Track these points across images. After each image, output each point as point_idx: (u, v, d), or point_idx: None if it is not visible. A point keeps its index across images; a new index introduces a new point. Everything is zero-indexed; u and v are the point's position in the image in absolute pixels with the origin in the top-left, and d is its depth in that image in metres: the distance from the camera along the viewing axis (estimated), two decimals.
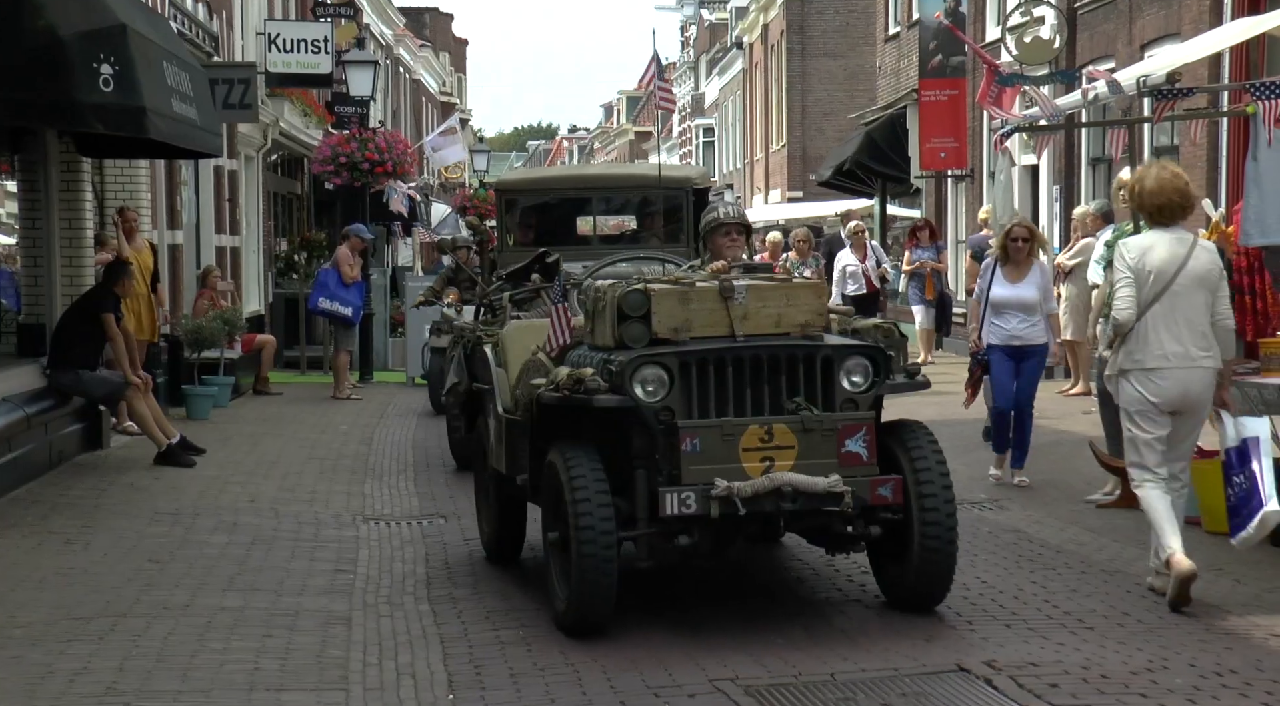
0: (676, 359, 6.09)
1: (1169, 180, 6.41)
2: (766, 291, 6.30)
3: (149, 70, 9.16)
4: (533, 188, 12.64)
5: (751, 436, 6.02)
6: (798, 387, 6.15)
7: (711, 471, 5.96)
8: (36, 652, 5.86)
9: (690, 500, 5.92)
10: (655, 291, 6.22)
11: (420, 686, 5.61)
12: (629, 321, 6.22)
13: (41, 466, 10.11)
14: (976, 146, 20.20)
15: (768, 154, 40.54)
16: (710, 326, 6.20)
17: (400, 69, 38.87)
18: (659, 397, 6.06)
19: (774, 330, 6.24)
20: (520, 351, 7.10)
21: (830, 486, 5.95)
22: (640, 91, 76.47)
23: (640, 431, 6.13)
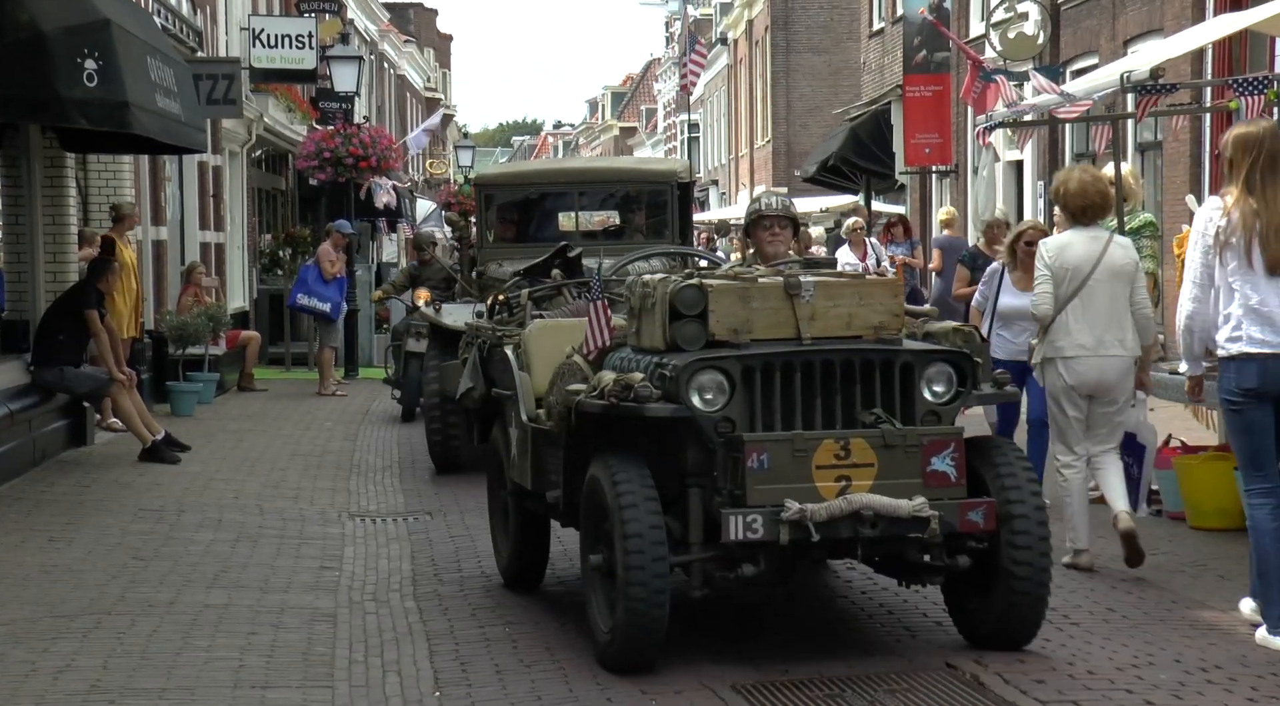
0: (739, 363, 5.43)
1: (1091, 182, 6.88)
2: (836, 289, 5.63)
3: (133, 65, 9.12)
4: (513, 182, 12.22)
5: (826, 452, 5.34)
6: (873, 397, 5.51)
7: (781, 492, 5.29)
8: (20, 650, 5.84)
9: (757, 524, 5.26)
10: (713, 287, 5.55)
11: (406, 683, 5.60)
12: (683, 320, 5.54)
13: (25, 463, 10.07)
14: (961, 142, 20.23)
15: (752, 150, 40.57)
16: (774, 327, 5.55)
17: (385, 65, 38.80)
18: (718, 407, 5.41)
19: (845, 332, 5.58)
20: (546, 353, 6.48)
21: (915, 510, 5.30)
22: (625, 87, 76.44)
23: (695, 445, 5.49)
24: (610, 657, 5.54)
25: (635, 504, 5.33)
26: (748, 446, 5.31)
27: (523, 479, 6.53)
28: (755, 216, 6.36)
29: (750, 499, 5.30)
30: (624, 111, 72.74)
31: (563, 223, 12.01)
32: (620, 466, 5.47)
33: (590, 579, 5.72)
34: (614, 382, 5.51)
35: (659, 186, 11.65)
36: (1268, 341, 5.57)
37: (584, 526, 5.79)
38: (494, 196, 11.80)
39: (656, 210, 11.68)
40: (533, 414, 6.39)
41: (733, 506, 5.32)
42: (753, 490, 5.31)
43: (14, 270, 11.27)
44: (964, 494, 5.45)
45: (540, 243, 11.00)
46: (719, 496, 5.40)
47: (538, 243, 11.09)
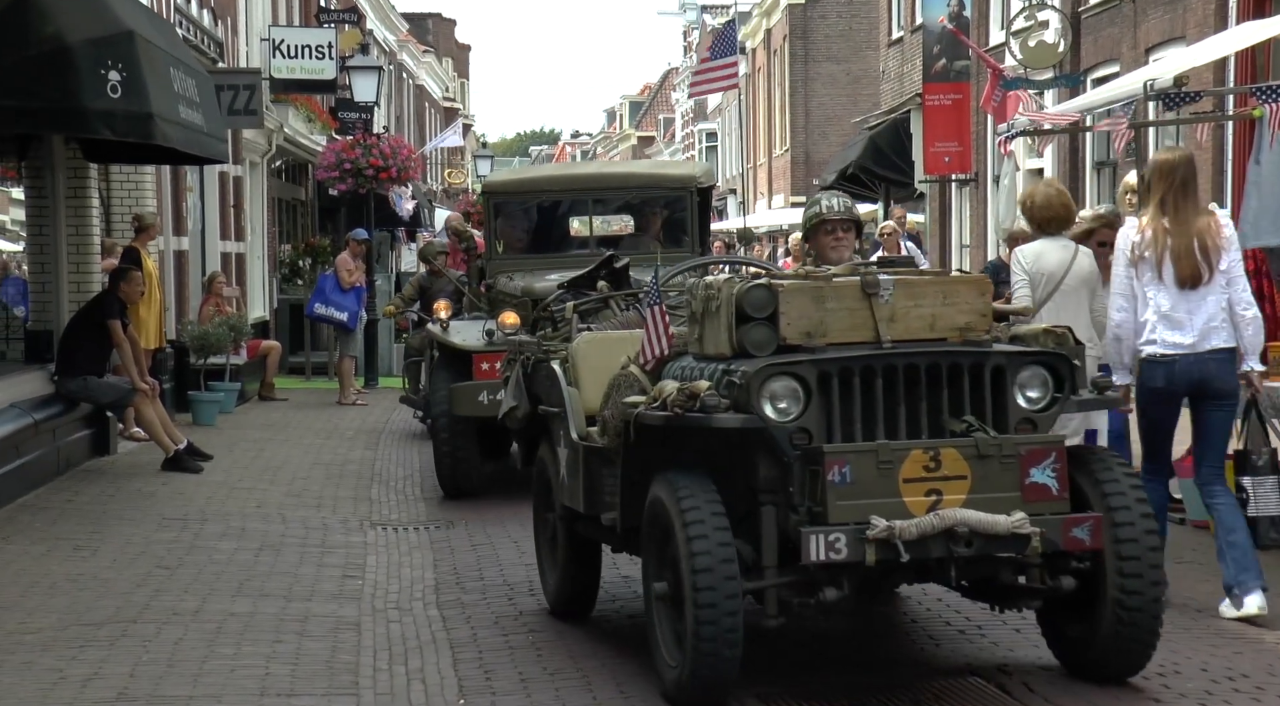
0: (814, 369, 5.01)
1: (1055, 196, 7.12)
2: (918, 288, 5.22)
3: (156, 76, 9.18)
4: (523, 189, 11.30)
5: (914, 464, 4.92)
6: (962, 404, 5.10)
7: (866, 508, 4.87)
8: (48, 658, 5.87)
9: (840, 543, 4.82)
10: (784, 288, 5.13)
11: (430, 691, 5.62)
12: (751, 324, 5.12)
13: (49, 472, 10.12)
14: (980, 151, 20.20)
15: (770, 159, 40.57)
16: (850, 330, 5.14)
17: (403, 75, 38.93)
18: (793, 416, 4.99)
19: (928, 334, 5.18)
20: (595, 367, 6.14)
21: (1014, 526, 4.87)
22: (643, 96, 76.53)
23: (768, 458, 5.06)
24: (679, 695, 5.11)
25: (703, 526, 4.92)
26: (828, 459, 4.89)
27: (574, 501, 6.09)
28: (816, 221, 5.95)
29: (831, 516, 4.88)
30: (642, 121, 72.84)
31: (576, 230, 11.42)
32: (685, 485, 5.06)
33: (654, 609, 5.28)
34: (677, 392, 5.10)
35: (677, 192, 11.01)
36: (1178, 343, 6.21)
37: (646, 551, 5.38)
38: (503, 204, 11.10)
39: (675, 217, 11.09)
40: (583, 431, 6.01)
41: (812, 525, 4.90)
42: (834, 506, 4.88)
43: (38, 280, 11.34)
44: (1067, 508, 5.02)
45: (552, 253, 10.74)
46: (795, 514, 4.98)
47: (549, 253, 10.77)
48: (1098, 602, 5.14)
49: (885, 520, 4.85)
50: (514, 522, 9.21)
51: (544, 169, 15.11)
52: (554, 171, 13.92)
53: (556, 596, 6.64)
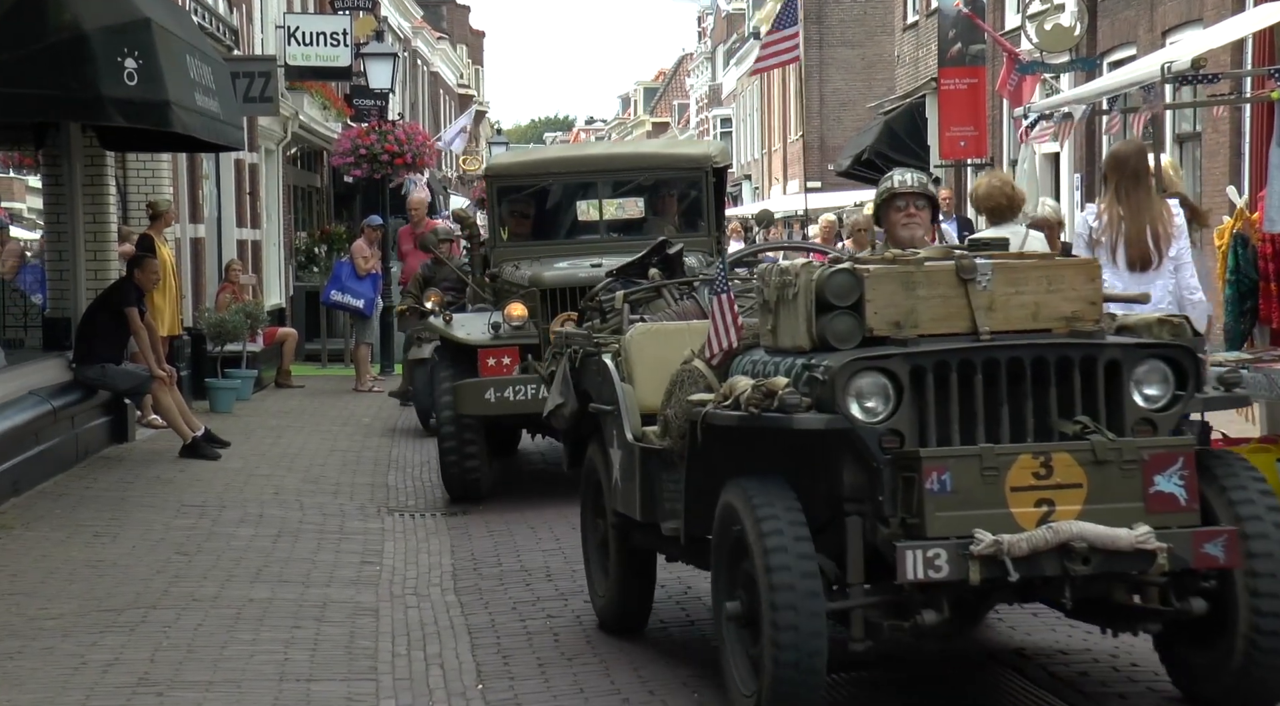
0: (906, 363, 4.50)
1: (998, 186, 7.27)
2: (1020, 272, 4.68)
3: (172, 64, 9.19)
4: (528, 172, 10.64)
5: (1023, 471, 4.40)
6: (1073, 403, 4.57)
7: (969, 520, 4.36)
8: (69, 643, 5.90)
9: (941, 560, 4.31)
10: (870, 273, 4.61)
11: (449, 676, 5.64)
12: (833, 313, 4.61)
13: (68, 459, 10.16)
14: (996, 135, 20.15)
15: (785, 144, 40.51)
16: (944, 319, 4.61)
17: (418, 62, 38.92)
18: (883, 416, 4.49)
19: (1031, 325, 4.64)
20: (651, 361, 5.69)
21: (1139, 542, 4.35)
22: (658, 82, 76.42)
23: (853, 463, 4.57)
24: None
25: (781, 538, 4.43)
26: (925, 464, 4.37)
27: (629, 508, 5.63)
28: (887, 195, 5.45)
29: (930, 529, 4.36)
30: (656, 107, 72.80)
31: (585, 215, 10.78)
32: (761, 493, 4.57)
33: (726, 630, 4.78)
34: (752, 390, 4.60)
35: (692, 172, 10.36)
36: None
37: (716, 566, 4.87)
38: (508, 189, 10.45)
39: (689, 199, 10.46)
40: (639, 431, 5.55)
41: (908, 539, 4.38)
42: (933, 518, 4.36)
43: (55, 268, 11.38)
44: (1197, 520, 4.48)
45: (560, 240, 10.35)
46: (886, 526, 4.47)
47: (557, 240, 10.36)
48: (1227, 627, 4.57)
49: (991, 534, 4.32)
50: (531, 509, 9.23)
51: (550, 150, 13.62)
52: (561, 153, 12.69)
53: (607, 610, 6.13)
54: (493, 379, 9.03)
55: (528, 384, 8.82)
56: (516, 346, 9.12)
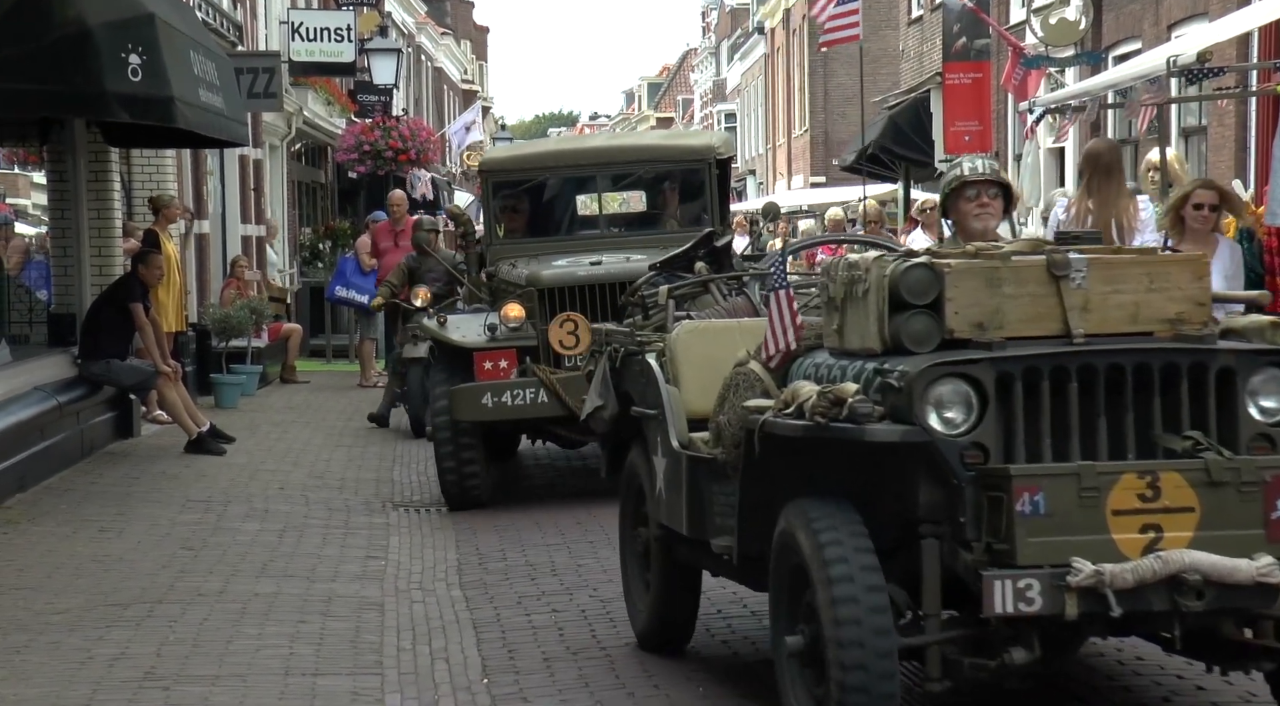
0: (992, 369, 4.02)
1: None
2: (1118, 269, 4.19)
3: (176, 60, 9.20)
4: (525, 166, 10.19)
5: (1126, 492, 3.92)
6: (1178, 416, 4.08)
7: (1066, 547, 3.88)
8: (75, 638, 5.91)
9: (1033, 592, 3.85)
10: (950, 268, 4.15)
11: (454, 670, 5.64)
12: (909, 312, 4.14)
13: (74, 455, 10.18)
14: (1001, 130, 20.12)
15: (790, 139, 40.49)
16: (1033, 321, 4.14)
17: (422, 57, 38.92)
18: (965, 428, 4.01)
19: (1131, 327, 4.16)
20: (698, 361, 5.32)
21: (1261, 574, 3.88)
22: (662, 77, 76.42)
23: (930, 480, 4.10)
24: None
25: (847, 567, 4.01)
26: (1016, 483, 3.90)
27: (673, 520, 5.24)
28: (957, 184, 4.99)
29: (1021, 557, 3.89)
30: (660, 102, 72.76)
31: (584, 210, 10.38)
32: (824, 515, 4.15)
33: (786, 667, 4.34)
34: (818, 397, 4.13)
35: (694, 164, 9.91)
36: None
37: (775, 595, 4.46)
38: (503, 184, 10.06)
39: (692, 192, 10.05)
40: (685, 438, 5.16)
41: (995, 567, 3.92)
42: (1024, 544, 3.89)
43: (60, 264, 11.39)
44: None
45: (559, 236, 9.99)
46: (969, 552, 4.01)
47: (555, 237, 10.01)
48: None
49: (1091, 563, 3.85)
50: (536, 504, 9.24)
51: (546, 143, 12.80)
52: (557, 146, 11.93)
53: (648, 627, 5.72)
54: (490, 383, 8.67)
55: (527, 388, 8.61)
56: (514, 348, 8.76)
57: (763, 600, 4.99)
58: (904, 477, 4.20)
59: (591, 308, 8.69)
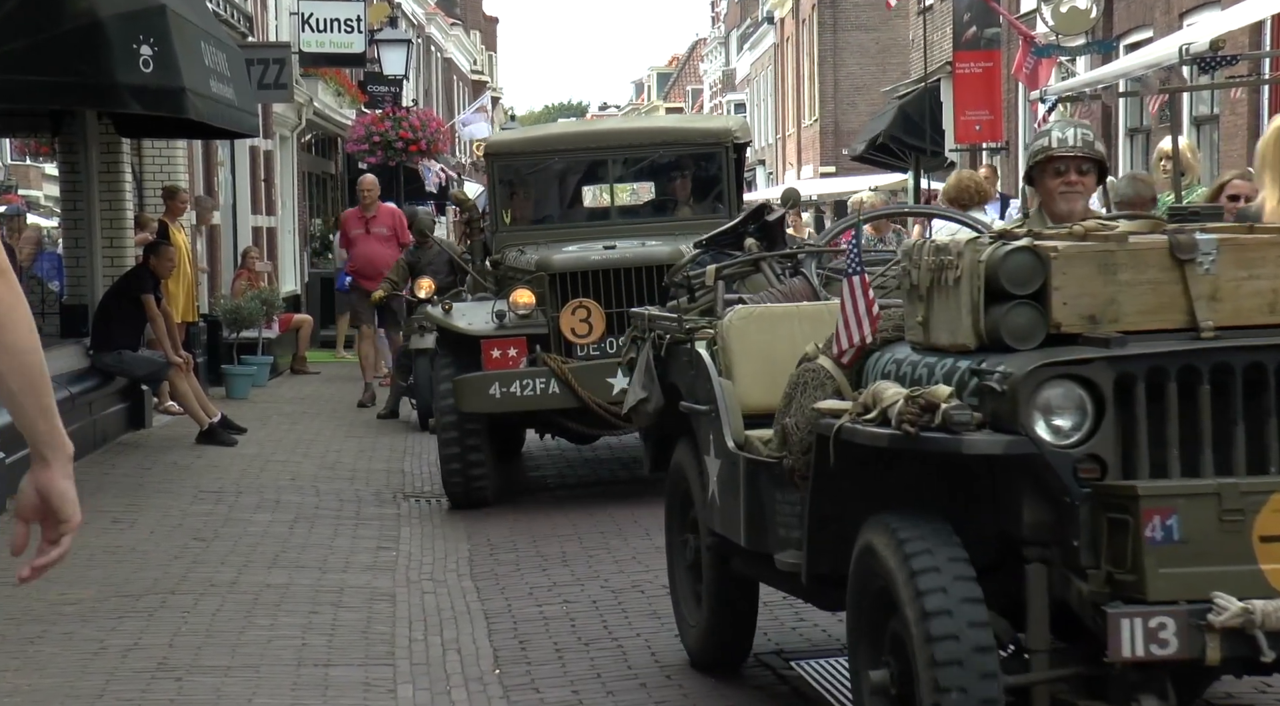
0: (1110, 370, 3.47)
1: (967, 179, 8.24)
2: (1254, 251, 3.61)
3: (187, 51, 9.19)
4: (533, 150, 9.77)
5: (1275, 515, 3.37)
6: None
7: (1205, 579, 3.34)
8: (88, 629, 5.93)
9: (1168, 632, 3.30)
10: (1058, 252, 3.59)
11: (466, 661, 5.65)
12: (1009, 303, 3.59)
13: (86, 446, 10.20)
14: (1012, 119, 20.08)
15: (800, 129, 40.42)
16: (1154, 312, 3.57)
17: (432, 48, 38.90)
18: (1079, 438, 3.46)
19: (1269, 319, 3.58)
20: (754, 351, 4.85)
21: None
22: (671, 68, 76.33)
23: (1037, 497, 3.54)
24: None
25: (945, 599, 3.47)
26: (1145, 504, 3.35)
27: (729, 529, 4.75)
28: (1042, 157, 4.30)
29: (1151, 590, 3.34)
30: (670, 92, 72.67)
31: (594, 196, 10.11)
32: (915, 535, 3.60)
33: (870, 702, 3.83)
34: (906, 401, 3.60)
35: (711, 149, 9.48)
36: None
37: (854, 619, 3.91)
38: (510, 168, 9.65)
39: (708, 178, 9.61)
40: (740, 437, 4.67)
41: (1119, 601, 3.38)
42: (1155, 576, 3.34)
43: (72, 255, 11.42)
44: None
45: (567, 223, 9.58)
46: (1084, 582, 3.46)
47: (564, 223, 9.59)
48: None
49: (1237, 599, 3.29)
50: (548, 495, 9.25)
51: (556, 127, 12.25)
52: (567, 129, 11.42)
53: (701, 644, 5.25)
54: (498, 372, 8.24)
55: (537, 378, 8.23)
56: (524, 336, 8.39)
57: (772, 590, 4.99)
58: (1004, 493, 3.67)
59: (605, 294, 8.42)
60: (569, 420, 8.65)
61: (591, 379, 8.23)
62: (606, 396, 8.13)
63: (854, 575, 3.83)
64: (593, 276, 8.47)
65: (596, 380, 8.22)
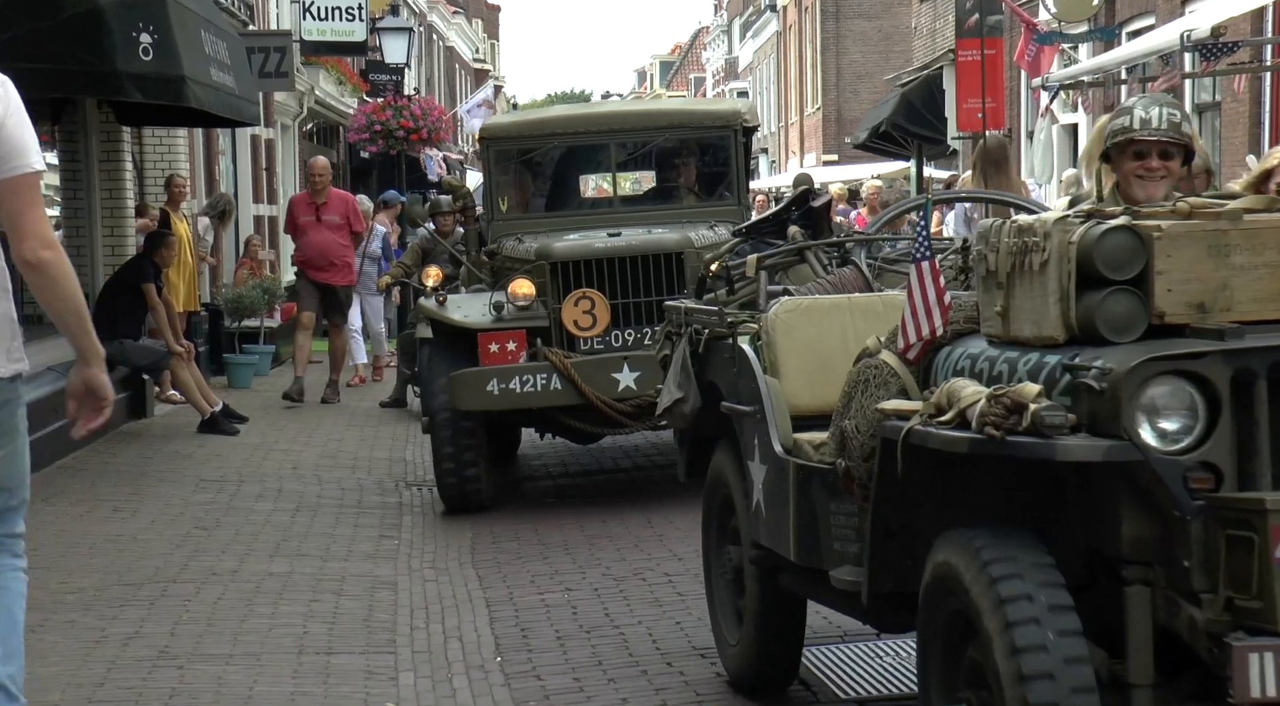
0: (1225, 365, 3.09)
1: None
2: None
3: (187, 39, 9.18)
4: (530, 134, 9.17)
5: None
6: None
7: None
8: (90, 617, 5.93)
9: None
10: (1161, 232, 3.22)
11: (468, 649, 5.65)
12: (1106, 290, 3.22)
13: (87, 435, 10.19)
14: (1014, 106, 20.04)
15: (802, 117, 40.37)
16: (1273, 299, 3.23)
17: (434, 36, 38.84)
18: (1189, 443, 3.09)
19: None
20: (803, 347, 4.48)
21: None
22: (674, 56, 76.22)
23: (1138, 509, 3.17)
24: None
25: (1038, 632, 3.05)
26: (1275, 521, 2.94)
27: (776, 542, 4.34)
28: (1122, 138, 3.66)
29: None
30: (672, 80, 72.54)
31: (595, 183, 9.64)
32: (1002, 556, 3.18)
33: None
34: (988, 402, 3.20)
35: (719, 133, 8.99)
36: None
37: (925, 646, 3.50)
38: (507, 153, 9.13)
39: (717, 164, 9.13)
40: (789, 442, 4.27)
41: (1242, 631, 2.98)
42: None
43: (73, 244, 11.39)
44: None
45: (566, 211, 9.13)
46: (1197, 608, 3.07)
47: (563, 211, 9.13)
48: None
49: None
50: (550, 484, 9.25)
51: (555, 110, 11.20)
52: (568, 112, 10.56)
53: (742, 666, 4.82)
54: (496, 368, 7.77)
55: (538, 373, 7.76)
56: (523, 329, 7.91)
57: None
58: (1099, 504, 3.27)
59: (610, 284, 7.98)
60: (571, 418, 8.10)
61: (596, 374, 7.82)
62: (612, 393, 7.81)
63: (925, 597, 3.42)
64: (596, 265, 8.02)
65: (601, 375, 7.83)
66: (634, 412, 7.83)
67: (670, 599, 6.15)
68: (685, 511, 8.12)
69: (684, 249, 8.10)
